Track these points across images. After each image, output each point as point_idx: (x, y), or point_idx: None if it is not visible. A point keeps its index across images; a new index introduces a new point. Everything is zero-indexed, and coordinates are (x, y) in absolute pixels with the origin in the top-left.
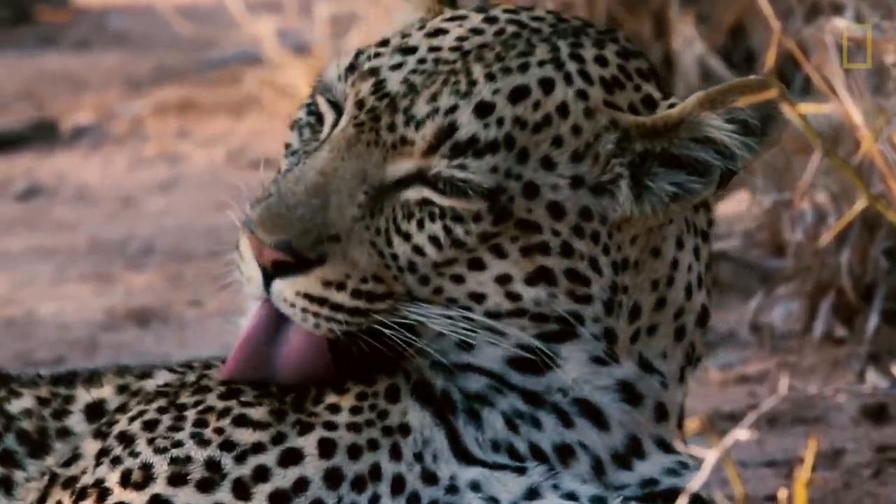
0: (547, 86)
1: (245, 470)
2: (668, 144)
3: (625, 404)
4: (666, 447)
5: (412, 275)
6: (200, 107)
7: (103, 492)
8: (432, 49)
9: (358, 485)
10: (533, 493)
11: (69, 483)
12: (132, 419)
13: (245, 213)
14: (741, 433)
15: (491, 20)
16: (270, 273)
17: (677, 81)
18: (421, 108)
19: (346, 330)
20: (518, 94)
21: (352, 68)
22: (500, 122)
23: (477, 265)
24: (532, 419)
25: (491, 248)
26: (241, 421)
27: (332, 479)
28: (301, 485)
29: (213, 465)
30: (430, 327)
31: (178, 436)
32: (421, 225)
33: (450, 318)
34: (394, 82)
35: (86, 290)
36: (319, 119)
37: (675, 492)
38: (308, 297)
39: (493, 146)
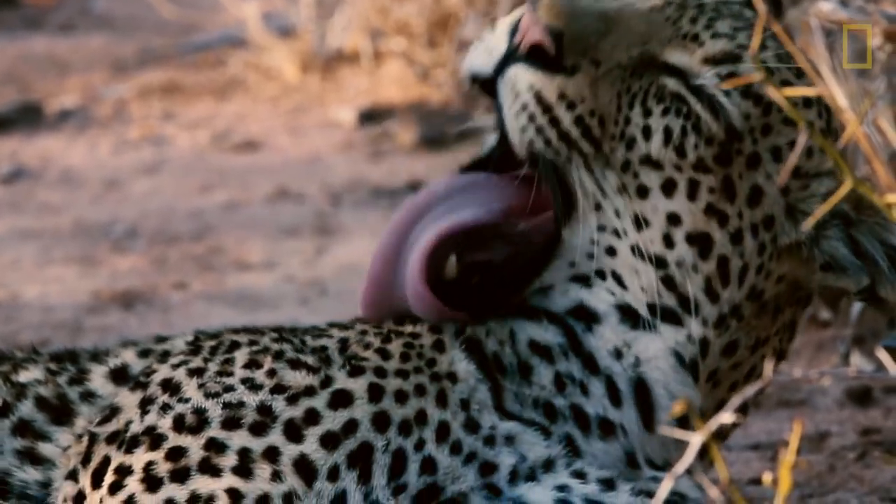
0: (805, 101)
1: (297, 412)
2: (861, 223)
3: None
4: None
5: (624, 149)
6: (185, 89)
7: (157, 438)
8: None
9: (405, 429)
10: (549, 463)
11: (114, 437)
12: (175, 367)
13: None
14: (726, 417)
15: None
16: (517, 56)
17: None
18: (724, 25)
19: (539, 151)
20: (781, 82)
21: None
22: (769, 85)
23: (668, 188)
24: (581, 385)
25: (690, 182)
26: (293, 364)
27: (380, 422)
28: (350, 427)
29: (264, 409)
30: (587, 216)
31: (229, 381)
32: (666, 112)
33: (602, 227)
34: None
35: (71, 272)
36: None
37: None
38: (538, 96)
39: (758, 100)
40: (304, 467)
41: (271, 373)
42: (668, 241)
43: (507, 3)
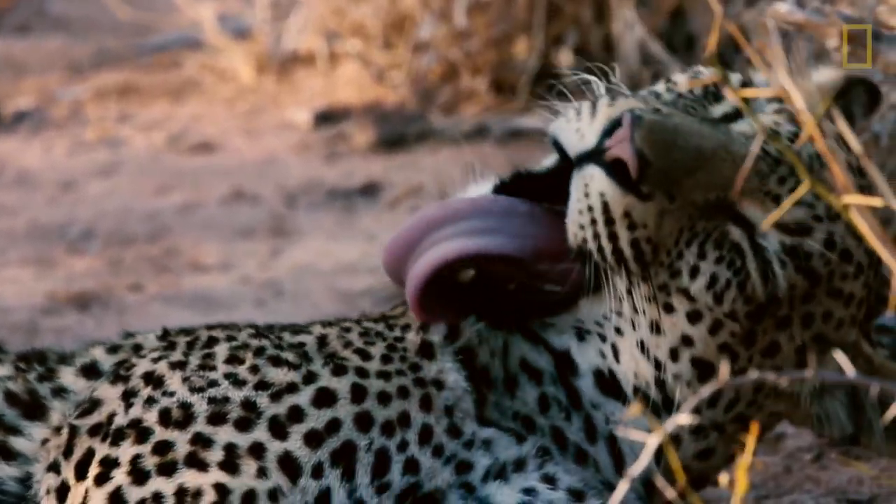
0: (858, 269)
1: (281, 409)
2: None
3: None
4: None
5: (667, 275)
6: (141, 91)
7: (143, 431)
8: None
9: (388, 430)
10: (520, 463)
11: (97, 429)
12: (155, 360)
13: (643, 101)
14: (682, 418)
15: None
16: (601, 159)
17: (618, 65)
18: (808, 193)
19: (589, 251)
20: (842, 251)
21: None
22: (818, 255)
23: (693, 318)
24: (566, 412)
25: (716, 321)
26: (274, 361)
27: (363, 422)
28: (333, 426)
29: (249, 404)
30: (610, 301)
31: (213, 375)
32: (719, 261)
33: (620, 314)
34: (805, 153)
35: (26, 274)
36: (716, 97)
37: None
38: (605, 206)
39: (808, 273)
40: (289, 464)
41: (254, 369)
42: (675, 355)
43: (463, 5)
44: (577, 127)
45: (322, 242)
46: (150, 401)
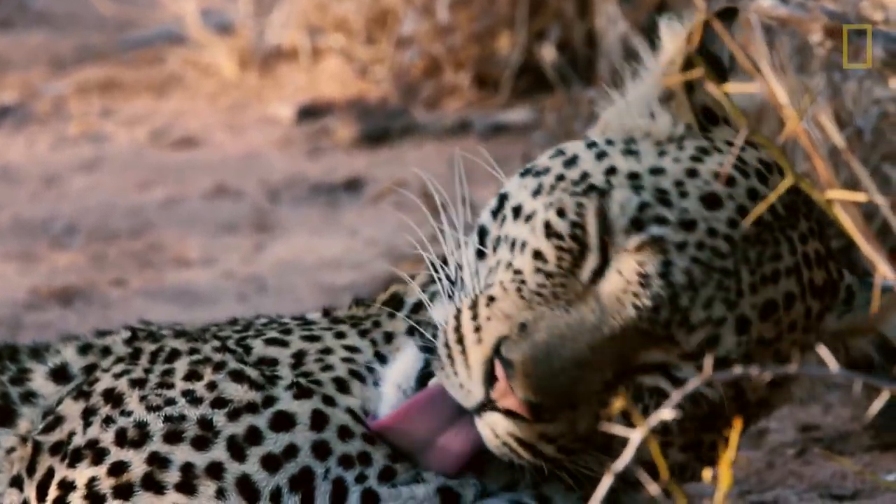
0: (788, 302)
1: (238, 429)
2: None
3: None
4: None
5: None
6: (123, 86)
7: (99, 452)
8: (710, 233)
9: (345, 462)
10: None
11: (57, 448)
12: (117, 376)
13: (502, 338)
14: (665, 413)
15: (745, 174)
16: (494, 407)
17: (600, 60)
18: (697, 314)
19: (533, 463)
20: (768, 311)
21: (637, 224)
22: (748, 341)
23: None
24: None
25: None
26: (235, 377)
27: (320, 451)
28: (291, 451)
29: (205, 423)
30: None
31: (170, 393)
32: (646, 410)
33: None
34: (678, 271)
35: (9, 269)
36: (582, 248)
37: None
38: (519, 441)
39: (737, 389)
40: (247, 487)
41: (211, 385)
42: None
43: (446, 0)
44: (459, 382)
45: (305, 237)
46: (107, 420)
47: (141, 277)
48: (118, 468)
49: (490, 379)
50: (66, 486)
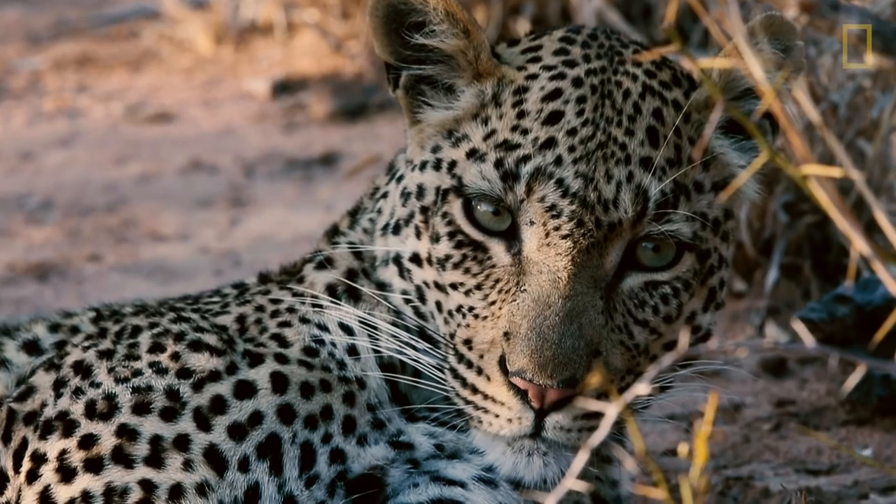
0: (658, 115)
1: (203, 399)
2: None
3: None
4: None
5: (645, 357)
6: (99, 62)
7: (70, 424)
8: (569, 132)
9: (310, 423)
10: (440, 447)
11: (30, 418)
12: (86, 349)
13: (501, 359)
14: (641, 388)
15: (575, 62)
16: (546, 410)
17: None
18: (608, 191)
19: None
20: (653, 136)
21: (508, 176)
22: (662, 167)
23: (680, 316)
24: None
25: (690, 294)
26: (194, 346)
27: (286, 415)
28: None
29: (172, 393)
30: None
31: (137, 364)
32: (656, 310)
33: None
34: (570, 180)
35: None
36: (479, 247)
37: None
38: (586, 416)
39: (675, 192)
40: (215, 457)
41: (175, 356)
42: (697, 329)
43: None
44: (507, 419)
45: (280, 212)
46: (77, 391)
47: (116, 253)
48: (88, 441)
49: (524, 395)
50: (39, 459)
